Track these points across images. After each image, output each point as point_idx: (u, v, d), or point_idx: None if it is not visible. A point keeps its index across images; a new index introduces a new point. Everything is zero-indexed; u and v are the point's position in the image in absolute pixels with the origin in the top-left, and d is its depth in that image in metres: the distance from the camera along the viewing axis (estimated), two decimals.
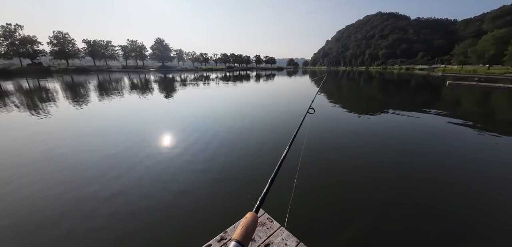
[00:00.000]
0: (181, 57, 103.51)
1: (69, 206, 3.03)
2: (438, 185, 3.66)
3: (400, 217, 2.89)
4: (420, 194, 3.42)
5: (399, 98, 14.97)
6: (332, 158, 4.77)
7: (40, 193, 3.34)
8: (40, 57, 60.97)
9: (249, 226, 0.44)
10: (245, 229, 0.43)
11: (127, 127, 6.98)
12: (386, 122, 7.97)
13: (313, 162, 4.46)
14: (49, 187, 3.50)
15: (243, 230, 0.43)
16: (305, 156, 4.70)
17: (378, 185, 3.68)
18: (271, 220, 1.93)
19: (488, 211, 3.03)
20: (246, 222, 0.44)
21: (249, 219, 0.45)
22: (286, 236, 1.75)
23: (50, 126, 7.16)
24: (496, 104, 12.43)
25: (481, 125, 7.65)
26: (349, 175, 4.05)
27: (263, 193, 0.51)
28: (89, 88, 19.08)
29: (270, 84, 25.05)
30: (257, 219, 0.45)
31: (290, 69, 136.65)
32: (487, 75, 43.66)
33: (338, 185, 3.68)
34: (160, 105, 11.35)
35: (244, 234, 0.42)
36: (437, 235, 2.59)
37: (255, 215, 0.46)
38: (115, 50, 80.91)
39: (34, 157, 4.61)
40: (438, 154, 5.00)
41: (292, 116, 8.68)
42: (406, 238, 2.56)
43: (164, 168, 4.10)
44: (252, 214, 0.46)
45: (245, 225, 0.44)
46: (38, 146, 5.23)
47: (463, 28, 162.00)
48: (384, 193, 3.45)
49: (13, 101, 11.78)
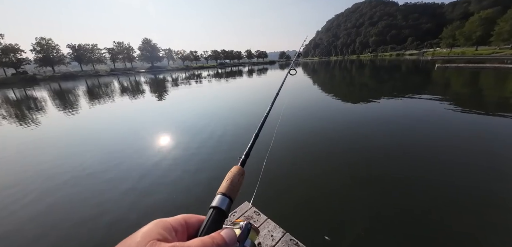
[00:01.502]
0: (171, 56, 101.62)
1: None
2: (424, 165, 3.70)
3: (391, 202, 2.91)
4: (408, 174, 3.45)
5: (391, 84, 15.11)
6: (318, 147, 4.76)
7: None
8: (24, 65, 58.80)
9: (235, 178, 0.41)
10: (230, 181, 0.40)
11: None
12: (377, 109, 8.02)
13: (291, 150, 4.45)
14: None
15: (228, 182, 0.40)
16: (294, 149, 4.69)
17: (368, 171, 3.69)
18: (258, 213, 1.88)
19: (479, 183, 3.08)
20: (231, 175, 0.41)
21: (234, 172, 0.41)
22: (272, 228, 1.71)
23: (38, 134, 6.91)
24: (483, 84, 12.70)
25: (469, 105, 7.78)
26: (334, 161, 4.06)
27: (248, 148, 0.48)
28: (78, 94, 18.54)
29: (267, 77, 24.91)
30: (242, 172, 0.42)
31: (282, 62, 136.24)
32: (474, 56, 44.62)
33: (322, 173, 3.68)
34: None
35: (230, 186, 0.39)
36: (417, 220, 2.61)
37: (240, 168, 0.43)
38: (102, 53, 78.63)
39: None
40: (428, 136, 5.06)
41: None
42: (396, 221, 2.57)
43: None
44: (237, 167, 0.43)
45: (230, 177, 0.41)
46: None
47: (451, 11, 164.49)
48: (374, 178, 3.46)
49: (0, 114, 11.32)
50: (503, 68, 18.59)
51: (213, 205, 0.37)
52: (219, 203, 0.37)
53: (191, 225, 0.35)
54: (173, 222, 0.33)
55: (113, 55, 79.84)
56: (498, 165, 3.61)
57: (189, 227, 0.34)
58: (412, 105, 8.07)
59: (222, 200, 0.38)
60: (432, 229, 2.39)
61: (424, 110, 7.33)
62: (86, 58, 73.44)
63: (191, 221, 0.35)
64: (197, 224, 0.35)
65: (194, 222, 0.35)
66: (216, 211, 0.36)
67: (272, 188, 3.25)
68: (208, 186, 3.41)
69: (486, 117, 6.31)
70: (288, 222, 1.93)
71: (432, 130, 5.41)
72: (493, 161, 3.75)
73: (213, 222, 0.35)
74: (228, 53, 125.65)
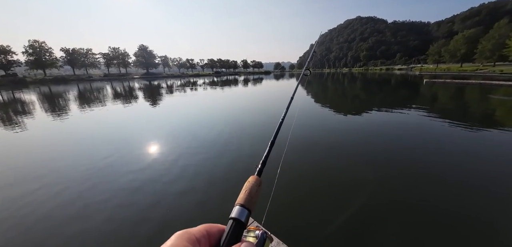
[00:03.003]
0: (167, 63, 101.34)
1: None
2: (417, 178, 3.87)
3: (386, 207, 3.04)
4: (402, 188, 3.61)
5: (382, 97, 15.65)
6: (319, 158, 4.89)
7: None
8: (14, 67, 57.17)
9: (253, 189, 0.41)
10: (248, 192, 0.41)
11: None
12: (370, 120, 8.31)
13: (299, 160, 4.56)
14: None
15: (246, 193, 0.41)
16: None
17: (364, 180, 3.83)
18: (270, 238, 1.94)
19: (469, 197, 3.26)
20: (249, 185, 0.41)
21: (251, 182, 0.42)
22: (275, 244, 1.76)
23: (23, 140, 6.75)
24: (469, 99, 13.36)
25: (457, 118, 8.17)
26: (334, 171, 4.19)
27: (264, 156, 0.48)
28: (68, 98, 18.17)
29: (263, 86, 25.20)
30: (260, 182, 0.43)
31: (277, 72, 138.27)
32: (460, 72, 46.87)
33: (322, 184, 3.79)
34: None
35: (247, 197, 0.40)
36: (414, 228, 2.74)
37: (257, 178, 0.43)
38: (96, 58, 77.63)
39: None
40: (418, 147, 5.29)
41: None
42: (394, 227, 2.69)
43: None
44: (254, 177, 0.43)
45: (248, 188, 0.42)
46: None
47: (436, 29, 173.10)
48: (370, 187, 3.60)
49: None
50: (487, 84, 19.70)
51: (232, 216, 0.38)
52: (238, 214, 0.38)
53: (212, 235, 0.36)
54: (196, 233, 0.34)
55: (107, 60, 78.93)
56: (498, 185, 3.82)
57: (210, 237, 0.36)
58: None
59: (241, 212, 0.38)
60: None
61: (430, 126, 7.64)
62: (80, 62, 72.27)
63: (212, 231, 0.36)
64: (218, 234, 0.37)
65: (215, 232, 0.37)
66: (236, 223, 0.37)
67: (283, 206, 2.99)
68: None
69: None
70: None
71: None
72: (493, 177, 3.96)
73: (233, 235, 0.36)
74: (224, 62, 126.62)
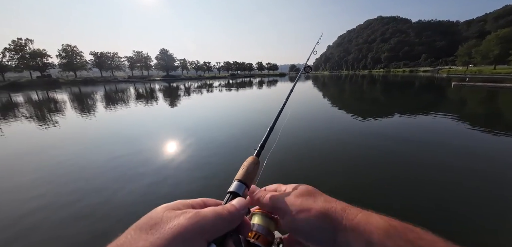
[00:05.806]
0: (185, 66, 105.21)
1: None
2: (444, 185, 3.68)
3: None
4: (424, 193, 3.46)
5: (405, 100, 14.92)
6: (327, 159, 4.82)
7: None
8: (49, 69, 62.72)
9: (250, 166, 0.43)
10: (246, 169, 0.43)
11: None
12: (395, 123, 7.98)
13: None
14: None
15: (244, 170, 0.42)
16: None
17: (376, 183, 3.72)
18: None
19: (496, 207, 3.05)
20: (247, 163, 0.43)
21: (249, 161, 0.44)
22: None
23: (58, 135, 7.40)
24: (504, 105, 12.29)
25: (489, 126, 7.59)
26: (352, 176, 4.11)
27: (263, 140, 0.51)
28: (96, 99, 19.54)
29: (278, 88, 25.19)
30: (257, 161, 0.45)
31: (292, 75, 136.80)
32: (492, 75, 43.16)
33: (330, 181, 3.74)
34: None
35: (245, 174, 0.42)
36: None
37: (255, 158, 0.45)
38: (121, 61, 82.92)
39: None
40: (445, 155, 5.01)
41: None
42: None
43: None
44: (252, 157, 0.45)
45: (246, 166, 0.43)
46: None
47: (466, 29, 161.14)
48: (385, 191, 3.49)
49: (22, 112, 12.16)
50: None
51: (230, 190, 0.40)
52: (236, 188, 0.39)
53: (209, 206, 0.35)
54: (192, 201, 0.35)
55: (131, 63, 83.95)
56: None
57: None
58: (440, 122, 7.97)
59: (239, 186, 0.40)
60: None
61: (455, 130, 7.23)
62: (106, 65, 77.61)
63: (209, 203, 0.37)
64: (215, 206, 0.36)
65: (212, 204, 0.37)
66: (233, 195, 0.39)
67: None
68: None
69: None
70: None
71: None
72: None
73: None
74: (240, 64, 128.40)
